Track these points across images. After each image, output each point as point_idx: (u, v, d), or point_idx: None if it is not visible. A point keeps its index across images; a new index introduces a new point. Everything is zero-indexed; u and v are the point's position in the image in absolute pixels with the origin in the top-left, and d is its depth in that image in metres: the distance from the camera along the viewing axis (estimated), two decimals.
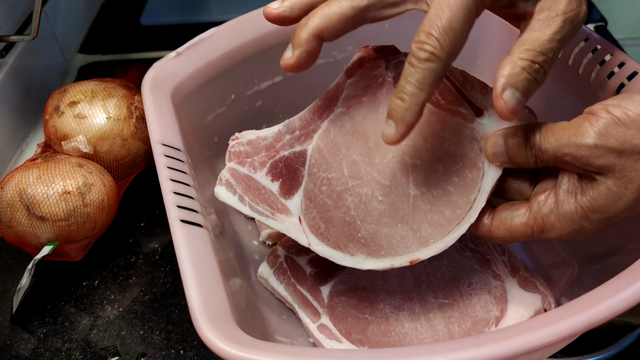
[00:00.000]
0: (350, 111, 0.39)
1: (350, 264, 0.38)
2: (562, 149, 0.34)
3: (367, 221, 0.38)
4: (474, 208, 0.38)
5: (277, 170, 0.39)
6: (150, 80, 0.49)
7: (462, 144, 0.38)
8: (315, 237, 0.38)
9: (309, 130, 0.40)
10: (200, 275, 0.34)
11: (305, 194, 0.39)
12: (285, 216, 0.39)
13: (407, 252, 0.38)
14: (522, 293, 0.44)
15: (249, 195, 0.39)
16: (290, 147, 0.40)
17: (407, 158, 0.39)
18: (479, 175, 0.38)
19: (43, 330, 0.49)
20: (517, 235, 0.37)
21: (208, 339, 0.31)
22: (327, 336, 0.43)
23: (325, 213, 0.39)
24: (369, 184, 0.39)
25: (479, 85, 0.40)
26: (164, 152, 0.42)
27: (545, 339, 0.30)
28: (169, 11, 0.93)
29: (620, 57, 0.46)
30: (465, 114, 0.39)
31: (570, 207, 0.35)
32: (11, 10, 0.65)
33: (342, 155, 0.39)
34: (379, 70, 0.40)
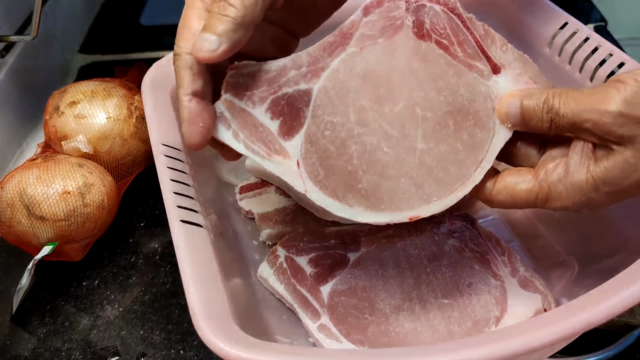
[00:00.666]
0: (363, 52, 0.37)
1: (348, 215, 0.36)
2: (583, 115, 0.33)
3: (370, 172, 0.36)
4: (481, 168, 0.37)
5: (279, 108, 0.36)
6: (150, 80, 0.49)
7: (476, 101, 0.37)
8: (313, 184, 0.36)
9: (317, 68, 0.37)
10: (200, 275, 0.34)
11: (307, 137, 0.36)
12: (283, 158, 0.36)
13: (408, 207, 0.36)
14: (522, 293, 0.44)
15: (245, 132, 0.36)
16: (295, 84, 0.36)
17: (418, 109, 0.37)
18: (489, 136, 0.37)
19: (43, 330, 0.49)
20: (519, 200, 0.36)
21: (208, 339, 0.31)
22: (327, 336, 0.43)
23: (326, 159, 0.36)
24: (375, 133, 0.37)
25: (499, 42, 0.39)
26: (164, 152, 0.42)
27: (545, 339, 0.30)
28: (169, 11, 0.93)
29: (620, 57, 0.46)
30: (482, 70, 0.38)
31: (581, 177, 0.34)
32: (11, 10, 0.65)
33: (350, 99, 0.37)
34: (399, 11, 0.37)
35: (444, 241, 0.48)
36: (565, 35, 0.50)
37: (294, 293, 0.46)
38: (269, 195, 0.55)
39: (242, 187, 0.56)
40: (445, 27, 0.38)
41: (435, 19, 0.38)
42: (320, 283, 0.46)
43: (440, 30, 0.38)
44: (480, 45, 0.38)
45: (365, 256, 0.47)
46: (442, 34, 0.38)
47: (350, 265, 0.47)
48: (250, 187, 0.56)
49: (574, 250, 0.49)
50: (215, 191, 0.53)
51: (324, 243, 0.48)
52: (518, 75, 0.38)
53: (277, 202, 0.54)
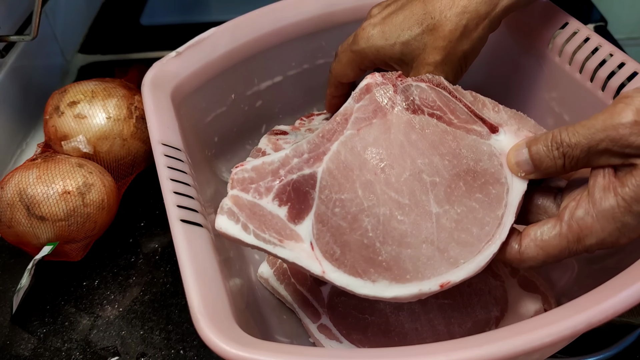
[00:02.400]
0: (360, 133, 0.38)
1: (372, 293, 0.35)
2: (596, 135, 0.32)
3: (388, 242, 0.35)
4: (503, 224, 0.36)
5: (285, 195, 0.37)
6: (150, 80, 0.49)
7: (481, 160, 0.37)
8: (330, 263, 0.35)
9: (319, 153, 0.38)
10: (200, 275, 0.34)
11: (317, 217, 0.36)
12: (295, 242, 0.35)
13: (436, 274, 0.35)
14: (522, 293, 0.44)
15: (254, 222, 0.36)
16: (299, 170, 0.37)
17: (425, 176, 0.37)
18: (504, 190, 0.37)
19: (43, 330, 0.49)
20: (550, 250, 0.34)
21: (208, 338, 0.31)
22: (327, 336, 0.43)
23: (340, 236, 0.35)
24: (386, 203, 0.36)
25: (490, 104, 0.40)
26: (164, 152, 0.43)
27: (545, 339, 0.30)
28: (169, 11, 0.93)
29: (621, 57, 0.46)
30: (480, 132, 0.38)
31: (610, 202, 0.32)
32: (11, 10, 0.65)
33: (355, 175, 0.37)
34: (388, 94, 0.39)
35: None
36: (565, 35, 0.50)
37: (294, 293, 0.46)
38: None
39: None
40: (434, 100, 0.39)
41: (423, 95, 0.39)
42: (320, 283, 0.46)
43: (430, 103, 0.39)
44: (473, 110, 0.39)
45: None
46: (433, 106, 0.39)
47: None
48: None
49: None
50: (215, 191, 0.53)
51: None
52: (517, 130, 0.38)
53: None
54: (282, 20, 0.55)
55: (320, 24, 0.57)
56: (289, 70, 0.59)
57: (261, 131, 0.61)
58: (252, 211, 0.36)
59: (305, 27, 0.57)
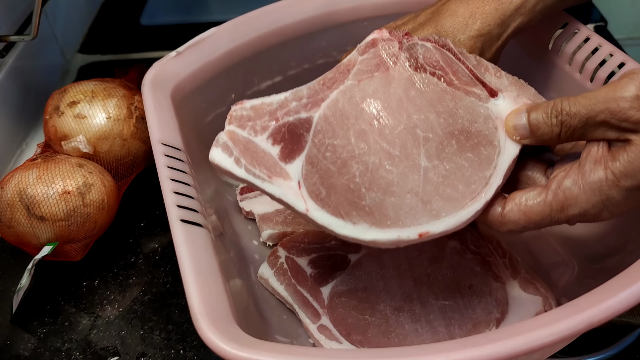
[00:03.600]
0: (361, 84, 0.38)
1: (351, 234, 0.35)
2: (596, 107, 0.33)
3: (373, 189, 0.36)
4: (490, 185, 0.36)
5: (280, 135, 0.37)
6: (150, 80, 0.49)
7: (477, 122, 0.38)
8: (315, 202, 0.36)
9: (317, 99, 0.38)
10: (200, 275, 0.34)
11: (308, 159, 0.37)
12: (284, 180, 0.36)
13: (416, 223, 0.35)
14: (523, 295, 0.44)
15: (246, 157, 0.36)
16: (296, 114, 0.38)
17: (418, 131, 0.37)
18: (495, 152, 0.37)
19: (43, 330, 0.49)
20: (533, 216, 0.35)
21: (208, 338, 0.31)
22: (327, 337, 0.43)
23: (327, 179, 0.36)
24: (377, 153, 0.37)
25: (493, 69, 0.40)
26: (164, 151, 0.42)
27: (545, 339, 0.30)
28: (169, 11, 0.93)
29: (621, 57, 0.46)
30: (480, 94, 0.39)
31: (599, 175, 0.33)
32: (11, 10, 0.65)
33: (350, 124, 0.38)
34: (393, 50, 0.39)
35: (445, 243, 0.48)
36: (565, 35, 0.50)
37: (295, 294, 0.46)
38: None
39: (243, 188, 0.56)
40: (438, 60, 0.40)
41: (428, 54, 0.40)
42: (320, 284, 0.46)
43: (433, 63, 0.39)
44: (474, 74, 0.39)
45: (365, 257, 0.47)
46: (435, 66, 0.39)
47: (351, 266, 0.47)
48: (251, 188, 0.56)
49: (574, 250, 0.49)
50: (215, 191, 0.53)
51: (325, 244, 0.48)
52: (516, 96, 0.39)
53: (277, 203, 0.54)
54: (282, 20, 0.55)
55: (320, 24, 0.57)
56: (289, 70, 0.58)
57: None
58: (246, 147, 0.37)
59: (305, 27, 0.56)
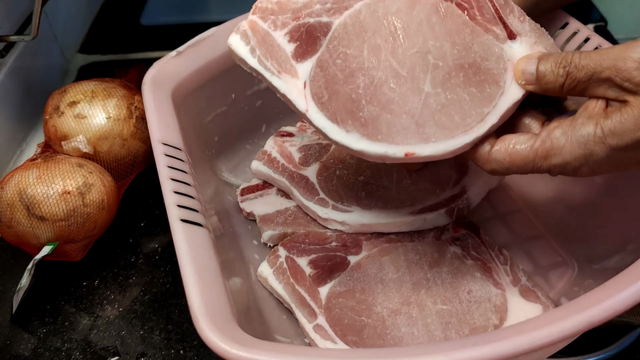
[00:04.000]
0: (386, 0, 0.40)
1: (343, 140, 0.37)
2: (604, 62, 0.33)
3: (373, 103, 0.37)
4: (485, 122, 0.37)
5: (298, 34, 0.39)
6: (150, 79, 0.49)
7: (488, 60, 0.39)
8: (315, 104, 0.37)
9: (341, 6, 0.39)
10: (200, 275, 0.34)
11: (318, 62, 0.38)
12: (291, 77, 0.38)
13: (405, 143, 0.37)
14: (523, 302, 0.44)
15: (262, 49, 0.38)
16: (318, 16, 0.39)
17: (430, 57, 0.38)
18: (498, 92, 0.38)
19: (43, 330, 0.49)
20: (517, 159, 0.36)
21: (208, 338, 0.31)
22: (322, 336, 0.43)
23: (332, 85, 0.38)
24: (385, 69, 0.38)
25: (518, 12, 0.41)
26: (164, 151, 0.42)
27: (545, 339, 0.30)
28: (169, 11, 0.93)
29: None
30: (498, 34, 0.39)
31: (589, 129, 0.33)
32: (11, 10, 0.65)
33: (366, 37, 0.39)
34: None
35: (446, 247, 0.48)
36: (565, 35, 0.50)
37: (292, 293, 0.46)
38: (270, 197, 0.55)
39: (243, 189, 0.56)
40: None
41: None
42: (319, 284, 0.46)
43: None
44: (499, 12, 0.40)
45: (365, 259, 0.47)
46: None
47: (350, 267, 0.47)
48: (251, 189, 0.56)
49: (574, 250, 0.49)
50: (215, 191, 0.53)
51: (325, 245, 0.48)
52: (533, 43, 0.39)
53: (278, 204, 0.54)
54: None
55: None
56: None
57: (261, 131, 0.61)
58: (264, 39, 0.39)
59: None
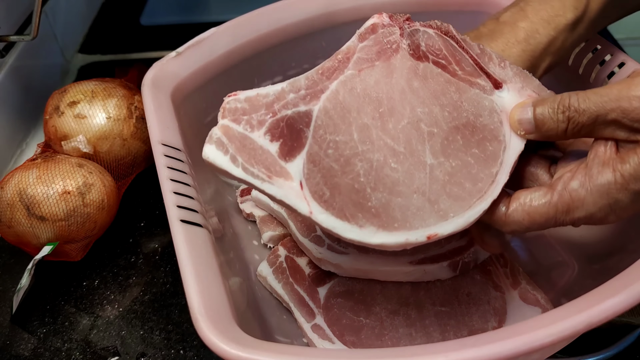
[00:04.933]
0: (362, 74, 0.37)
1: (358, 237, 0.34)
2: (608, 105, 0.31)
3: (379, 189, 0.34)
4: (497, 182, 0.35)
5: (278, 130, 0.35)
6: (150, 80, 0.49)
7: (482, 116, 0.37)
8: (319, 204, 0.34)
9: (316, 90, 0.36)
10: (200, 275, 0.34)
11: (309, 157, 0.35)
12: (284, 180, 0.34)
13: (424, 225, 0.34)
14: (522, 306, 0.43)
15: (243, 155, 0.34)
16: (294, 107, 0.35)
17: (423, 125, 0.36)
18: (501, 148, 0.36)
19: (43, 330, 0.49)
20: (537, 217, 0.34)
21: (208, 339, 0.31)
22: (320, 336, 0.42)
23: (330, 178, 0.34)
24: (381, 149, 0.35)
25: (497, 59, 0.39)
26: (164, 152, 0.42)
27: (545, 339, 0.30)
28: (169, 11, 0.93)
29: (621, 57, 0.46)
30: (484, 86, 0.38)
31: (607, 177, 0.32)
32: (11, 10, 0.65)
33: (351, 118, 0.36)
34: (393, 36, 0.38)
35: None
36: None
37: (291, 292, 0.46)
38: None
39: (243, 190, 0.56)
40: (441, 49, 0.38)
41: (430, 42, 0.38)
42: (318, 284, 0.46)
43: (436, 51, 0.38)
44: (478, 63, 0.38)
45: None
46: (438, 54, 0.38)
47: None
48: (251, 190, 0.56)
49: (574, 250, 0.49)
50: (216, 191, 0.53)
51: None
52: (521, 88, 0.38)
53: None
54: (282, 20, 0.55)
55: (320, 24, 0.57)
56: (289, 70, 0.59)
57: None
58: (242, 144, 0.35)
59: (305, 27, 0.57)
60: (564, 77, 0.51)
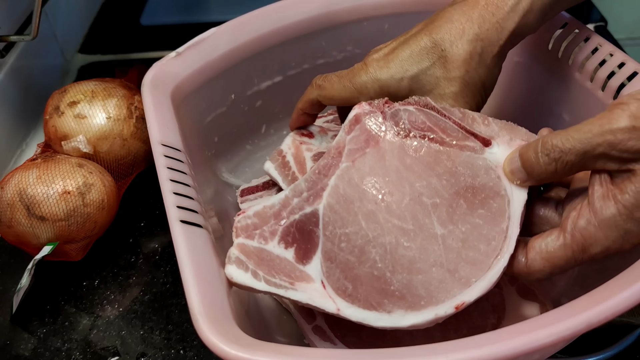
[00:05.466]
0: (356, 164, 0.38)
1: (389, 324, 0.34)
2: (593, 140, 0.32)
3: (398, 271, 0.35)
4: (509, 237, 0.36)
5: (290, 236, 0.37)
6: (150, 80, 0.49)
7: (479, 175, 0.37)
8: (344, 299, 0.35)
9: (317, 189, 0.38)
10: (200, 277, 0.34)
11: (324, 255, 0.36)
12: (306, 283, 0.36)
13: (450, 296, 0.34)
14: (520, 301, 0.43)
15: (263, 268, 0.36)
16: (300, 210, 0.37)
17: (425, 199, 0.37)
18: (505, 203, 0.36)
19: (43, 330, 0.49)
20: (556, 261, 0.34)
21: (208, 339, 0.31)
22: (321, 337, 0.42)
23: (349, 271, 0.35)
24: (391, 231, 0.36)
25: (479, 118, 0.40)
26: (163, 152, 0.42)
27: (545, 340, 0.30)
28: (169, 11, 0.93)
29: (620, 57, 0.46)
30: (474, 147, 0.38)
31: (611, 210, 0.32)
32: (11, 10, 0.65)
33: (356, 207, 0.37)
34: (378, 121, 0.39)
35: None
36: (565, 35, 0.50)
37: None
38: (270, 198, 0.54)
39: (243, 190, 0.56)
40: (424, 122, 0.39)
41: (412, 118, 0.39)
42: None
43: (420, 125, 0.39)
44: (463, 127, 0.39)
45: None
46: (423, 127, 0.39)
47: None
48: (251, 190, 0.55)
49: None
50: (215, 192, 0.53)
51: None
52: (510, 140, 0.38)
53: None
54: (282, 20, 0.55)
55: (320, 24, 0.57)
56: (289, 70, 0.58)
57: (261, 131, 0.61)
58: (260, 257, 0.36)
59: (305, 27, 0.56)
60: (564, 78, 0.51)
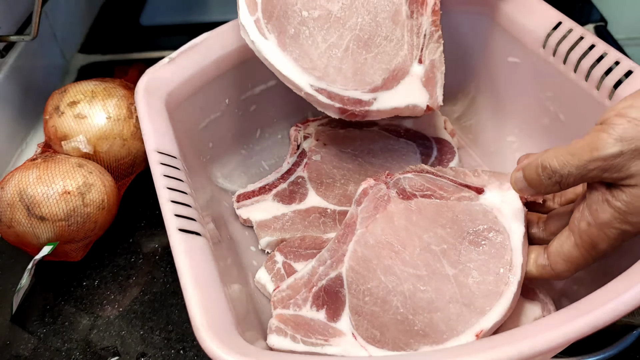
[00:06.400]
0: (369, 229, 0.43)
1: None
2: (587, 166, 0.34)
3: (419, 312, 0.40)
4: (514, 266, 0.40)
5: (320, 300, 0.42)
6: (143, 87, 0.49)
7: (478, 219, 0.42)
8: (374, 346, 0.39)
9: (338, 256, 0.43)
10: (200, 285, 0.34)
11: (352, 310, 0.41)
12: (339, 338, 0.40)
13: (469, 326, 0.39)
14: (522, 300, 0.43)
15: (300, 332, 0.41)
16: (326, 276, 0.43)
17: (434, 247, 0.42)
18: (505, 237, 0.41)
19: (43, 330, 0.49)
20: (575, 260, 0.37)
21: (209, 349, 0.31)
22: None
23: (376, 320, 0.40)
24: (407, 280, 0.41)
25: (470, 172, 0.46)
26: (159, 160, 0.42)
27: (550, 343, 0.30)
28: (169, 11, 0.93)
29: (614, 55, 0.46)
30: (469, 196, 0.44)
31: (607, 215, 0.35)
32: (11, 10, 0.65)
33: (374, 265, 0.42)
34: (382, 191, 0.45)
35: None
36: (559, 34, 0.50)
37: None
38: (266, 203, 0.54)
39: (240, 196, 0.56)
40: (423, 184, 0.45)
41: (412, 182, 0.45)
42: None
43: (420, 187, 0.45)
44: (457, 182, 0.45)
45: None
46: (422, 189, 0.45)
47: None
48: (247, 195, 0.55)
49: None
50: (211, 197, 0.53)
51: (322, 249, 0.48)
52: (500, 185, 0.44)
53: (275, 210, 0.53)
54: None
55: None
56: None
57: (256, 136, 0.61)
58: (296, 322, 0.42)
59: None
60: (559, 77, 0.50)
